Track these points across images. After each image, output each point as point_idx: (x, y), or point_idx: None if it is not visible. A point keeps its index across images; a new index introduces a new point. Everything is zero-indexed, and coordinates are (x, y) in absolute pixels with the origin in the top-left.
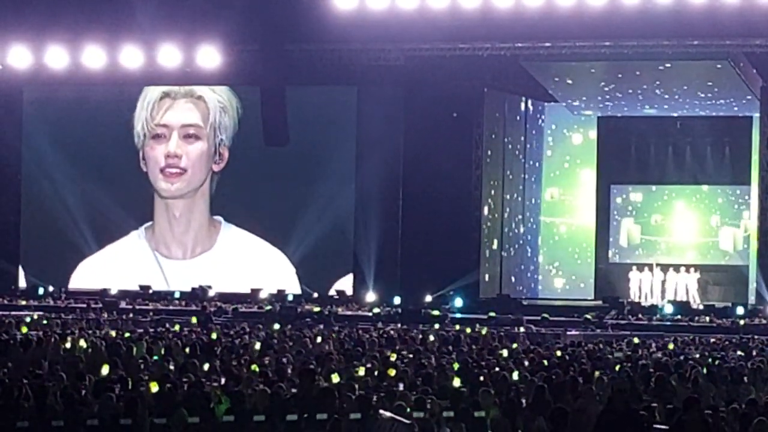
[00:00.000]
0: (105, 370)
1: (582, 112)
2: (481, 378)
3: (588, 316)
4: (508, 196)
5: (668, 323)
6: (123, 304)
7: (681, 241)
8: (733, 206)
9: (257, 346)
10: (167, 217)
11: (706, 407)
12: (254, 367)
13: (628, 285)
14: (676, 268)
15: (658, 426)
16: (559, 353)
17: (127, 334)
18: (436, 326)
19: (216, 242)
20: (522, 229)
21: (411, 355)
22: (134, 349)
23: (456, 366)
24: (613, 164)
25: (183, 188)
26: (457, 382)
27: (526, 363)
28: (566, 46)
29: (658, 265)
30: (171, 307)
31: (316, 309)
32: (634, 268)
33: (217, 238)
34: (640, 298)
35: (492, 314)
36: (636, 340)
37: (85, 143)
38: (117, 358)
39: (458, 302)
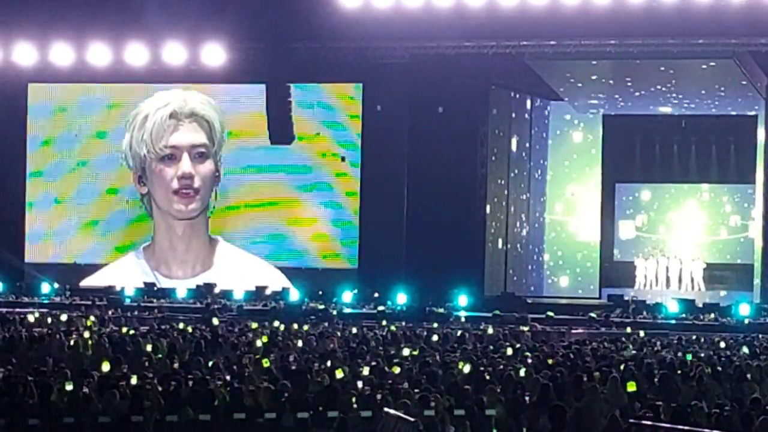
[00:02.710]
0: (106, 367)
1: (587, 110)
2: (486, 376)
3: (593, 315)
4: (513, 194)
5: (673, 321)
6: (127, 302)
7: (685, 240)
8: (738, 205)
9: (259, 343)
10: (169, 236)
11: (712, 405)
12: (265, 362)
13: (634, 273)
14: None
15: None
16: (563, 351)
17: (131, 332)
18: (441, 324)
19: (214, 261)
20: (527, 228)
21: (415, 353)
22: (139, 347)
23: (461, 364)
24: (618, 163)
25: (197, 208)
26: (467, 368)
27: (531, 361)
28: (571, 44)
29: (662, 252)
30: (175, 305)
31: (321, 306)
32: (640, 256)
33: (215, 257)
34: (645, 286)
35: (497, 312)
36: (642, 333)
37: (89, 141)
38: (121, 355)
39: (463, 300)
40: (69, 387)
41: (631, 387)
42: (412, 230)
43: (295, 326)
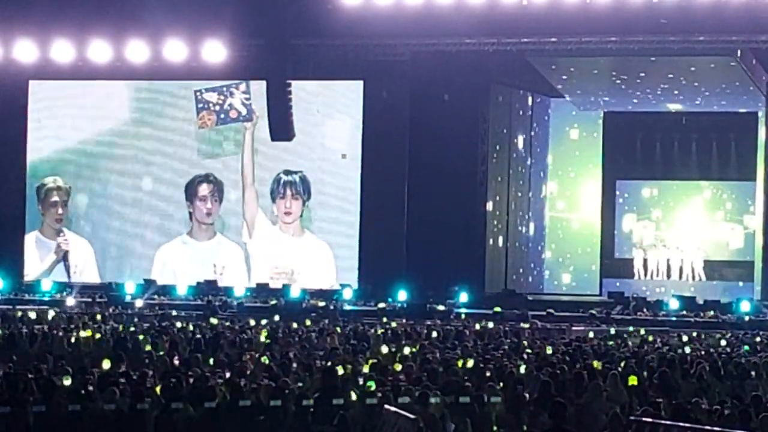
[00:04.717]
0: (106, 364)
1: (588, 107)
2: (487, 373)
3: (593, 312)
4: (514, 192)
5: (674, 318)
6: (128, 299)
7: (686, 236)
8: (739, 202)
9: (262, 339)
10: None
11: (712, 402)
12: (264, 359)
13: (633, 263)
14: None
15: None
16: (564, 348)
17: (132, 329)
18: (441, 321)
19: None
20: (528, 225)
21: (416, 350)
22: (139, 344)
23: (461, 362)
24: (619, 160)
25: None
26: (470, 363)
27: (532, 358)
28: (572, 41)
29: (663, 243)
30: (176, 302)
31: (321, 304)
32: (640, 247)
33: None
34: (646, 276)
35: (497, 309)
36: (642, 331)
37: (89, 137)
38: (122, 352)
39: (463, 297)
40: (67, 382)
41: (633, 381)
42: (412, 227)
43: (295, 324)
